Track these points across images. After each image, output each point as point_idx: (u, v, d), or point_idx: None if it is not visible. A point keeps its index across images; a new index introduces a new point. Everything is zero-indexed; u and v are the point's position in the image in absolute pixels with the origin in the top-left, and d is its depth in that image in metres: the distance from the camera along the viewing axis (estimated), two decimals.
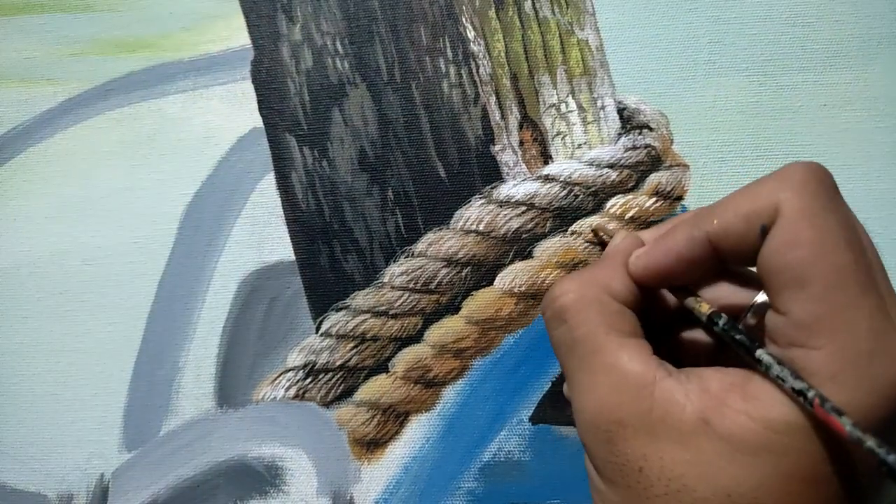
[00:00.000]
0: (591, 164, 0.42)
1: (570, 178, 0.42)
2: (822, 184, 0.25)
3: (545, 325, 0.30)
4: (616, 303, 0.28)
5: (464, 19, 0.43)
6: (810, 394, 0.23)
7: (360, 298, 0.42)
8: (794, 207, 0.24)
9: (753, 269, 0.26)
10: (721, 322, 0.27)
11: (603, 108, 0.43)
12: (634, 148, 0.42)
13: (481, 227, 0.42)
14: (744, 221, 0.25)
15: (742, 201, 0.26)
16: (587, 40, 0.43)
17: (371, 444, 0.41)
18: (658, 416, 0.25)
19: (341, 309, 0.42)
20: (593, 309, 0.27)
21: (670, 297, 0.30)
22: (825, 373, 0.23)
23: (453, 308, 0.41)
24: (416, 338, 0.41)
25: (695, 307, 0.28)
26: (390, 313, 0.41)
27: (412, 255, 0.42)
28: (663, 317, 0.30)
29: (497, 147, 0.43)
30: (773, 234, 0.25)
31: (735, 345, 0.26)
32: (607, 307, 0.27)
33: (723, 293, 0.29)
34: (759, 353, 0.25)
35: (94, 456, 0.42)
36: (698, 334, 0.30)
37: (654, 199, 0.42)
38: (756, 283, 0.28)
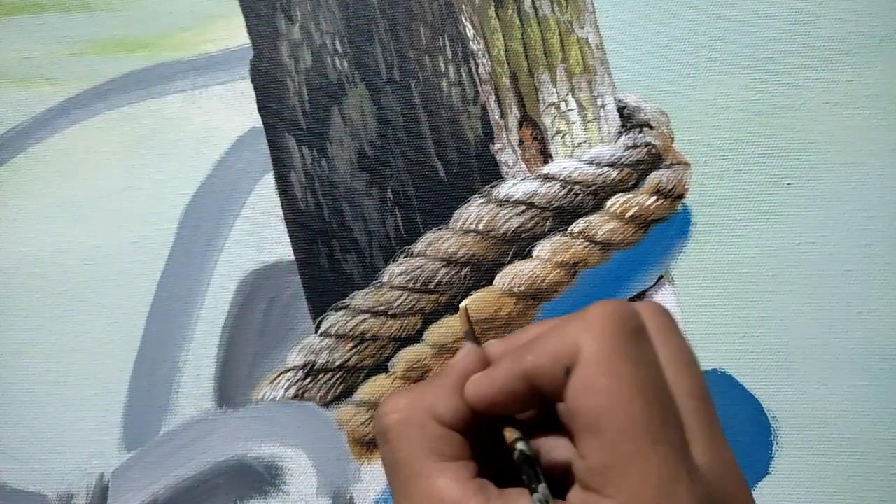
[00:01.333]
0: (591, 162, 0.42)
1: (570, 176, 0.42)
2: (621, 328, 0.25)
3: None
4: (439, 426, 0.27)
5: (463, 18, 0.43)
6: None
7: (360, 298, 0.42)
8: (591, 352, 0.25)
9: None
10: (522, 462, 0.27)
11: (603, 106, 0.43)
12: (635, 146, 0.42)
13: (481, 227, 0.41)
14: (551, 361, 0.25)
15: (550, 341, 0.26)
16: (587, 38, 0.43)
17: (371, 444, 0.41)
18: None
19: (340, 309, 0.42)
20: (415, 432, 0.27)
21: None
22: None
23: (452, 308, 0.41)
24: (415, 337, 0.41)
25: (508, 439, 0.28)
26: (390, 313, 0.41)
27: (411, 254, 0.42)
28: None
29: (496, 146, 0.42)
30: (572, 378, 0.25)
31: (529, 487, 0.26)
32: (429, 431, 0.27)
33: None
34: (537, 492, 0.25)
35: (94, 456, 0.42)
36: (562, 441, 0.30)
37: (654, 197, 0.42)
38: None
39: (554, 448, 0.28)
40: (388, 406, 0.28)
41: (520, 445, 0.27)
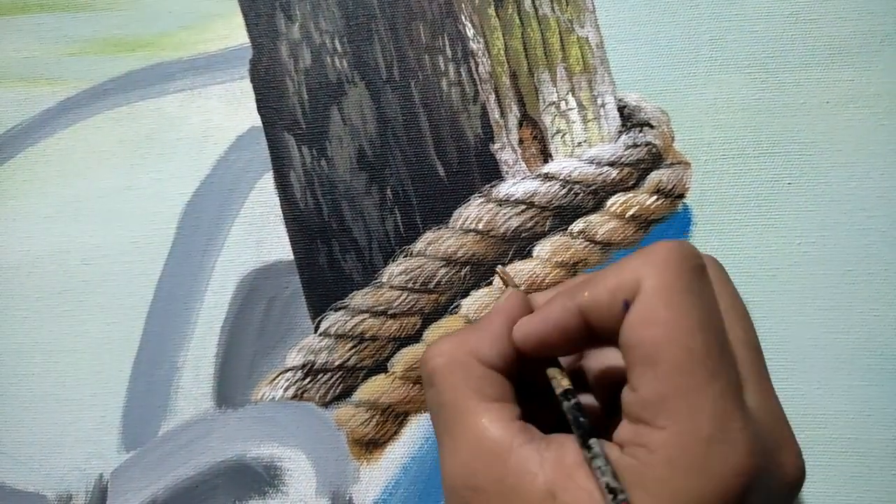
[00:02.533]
0: (591, 162, 0.42)
1: (570, 176, 0.42)
2: (684, 264, 0.25)
3: None
4: (483, 367, 0.28)
5: (463, 17, 0.43)
6: (620, 496, 0.23)
7: (359, 298, 0.42)
8: (654, 286, 0.25)
9: None
10: (569, 402, 0.27)
11: (603, 105, 0.43)
12: (635, 146, 0.42)
13: (480, 226, 0.41)
14: (609, 295, 0.26)
15: (610, 276, 0.26)
16: (587, 37, 0.43)
17: (370, 445, 0.41)
18: (510, 485, 0.25)
19: (340, 308, 0.42)
20: (459, 373, 0.28)
21: (566, 360, 0.30)
22: (663, 455, 0.23)
23: (452, 308, 0.41)
24: (415, 337, 0.41)
25: (554, 378, 0.28)
26: (389, 313, 0.41)
27: (411, 254, 0.42)
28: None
29: (496, 145, 0.42)
30: (632, 310, 0.25)
31: (574, 427, 0.26)
32: (473, 372, 0.28)
33: (609, 359, 0.29)
34: (592, 441, 0.25)
35: (93, 456, 0.42)
36: (589, 399, 0.30)
37: (655, 196, 0.41)
38: None
39: (584, 402, 0.28)
40: (433, 350, 0.29)
41: (564, 383, 0.27)
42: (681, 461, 0.23)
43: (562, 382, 0.28)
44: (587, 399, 0.30)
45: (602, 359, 0.30)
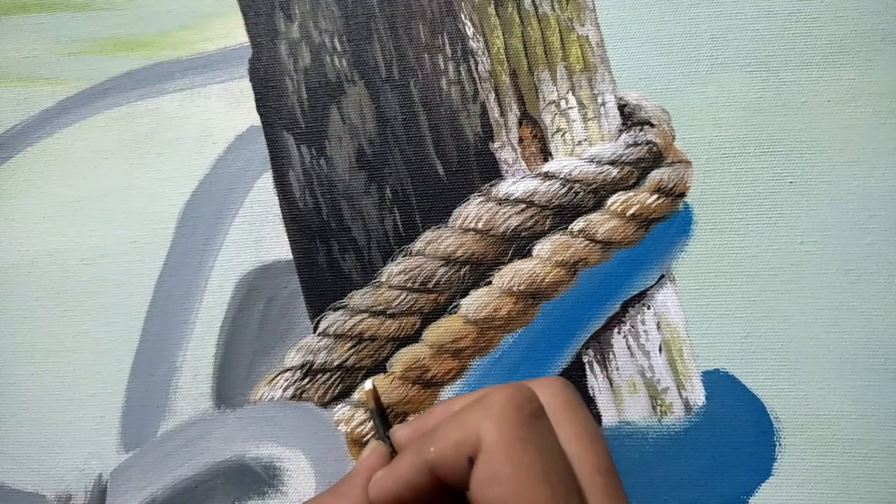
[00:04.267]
0: (591, 160, 0.42)
1: (570, 175, 0.41)
2: (520, 412, 0.25)
3: None
4: None
5: (463, 16, 0.43)
6: None
7: (358, 298, 0.41)
8: (493, 440, 0.25)
9: None
10: None
11: (603, 104, 0.43)
12: (636, 144, 0.42)
13: (480, 226, 0.41)
14: (454, 451, 0.25)
15: (452, 430, 0.26)
16: (587, 36, 0.43)
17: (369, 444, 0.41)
18: None
19: (339, 308, 0.42)
20: None
21: None
22: None
23: (451, 307, 0.41)
24: (414, 337, 0.41)
25: None
26: (388, 313, 0.41)
27: (410, 253, 0.42)
28: None
29: (496, 144, 0.42)
30: (476, 468, 0.25)
31: None
32: None
33: None
34: None
35: (93, 456, 0.42)
36: None
37: (655, 195, 0.41)
38: None
39: None
40: None
41: None
42: None
43: None
44: None
45: None
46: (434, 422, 0.28)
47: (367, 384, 0.31)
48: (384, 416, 0.31)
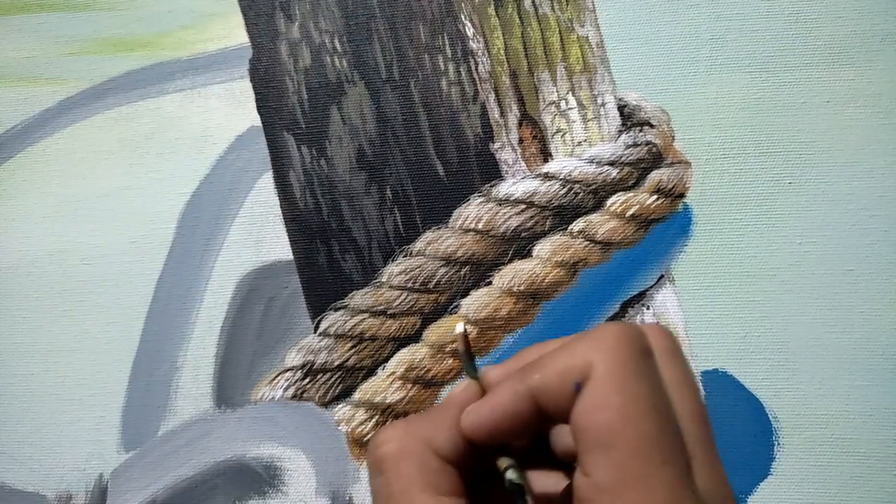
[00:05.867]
0: (591, 161, 0.42)
1: (570, 175, 0.42)
2: (632, 347, 0.25)
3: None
4: (437, 459, 0.27)
5: (463, 17, 0.43)
6: None
7: (359, 298, 0.41)
8: (605, 370, 0.25)
9: None
10: (507, 484, 0.26)
11: (603, 105, 0.43)
12: (635, 145, 0.42)
13: (480, 226, 0.41)
14: (560, 378, 0.25)
15: (560, 358, 0.26)
16: (587, 37, 0.43)
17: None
18: None
19: (339, 308, 0.42)
20: (411, 464, 0.26)
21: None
22: None
23: (452, 308, 0.41)
24: (414, 337, 0.41)
25: (506, 471, 0.27)
26: (388, 313, 0.41)
27: (410, 254, 0.42)
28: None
29: (496, 145, 0.42)
30: (584, 394, 0.25)
31: None
32: (427, 464, 0.27)
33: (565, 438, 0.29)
34: None
35: (93, 456, 0.42)
36: (545, 478, 0.29)
37: (655, 196, 0.41)
38: None
39: (544, 481, 0.28)
40: (384, 436, 0.27)
41: (510, 474, 0.27)
42: None
43: (506, 473, 0.27)
44: (553, 478, 0.29)
45: (568, 437, 0.30)
46: (527, 360, 0.28)
47: (459, 327, 0.31)
48: (472, 360, 0.31)
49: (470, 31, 0.43)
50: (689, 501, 0.24)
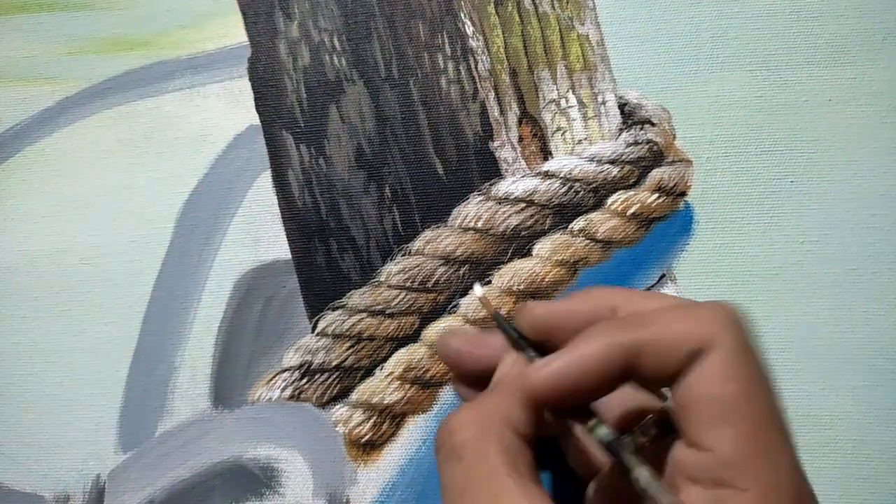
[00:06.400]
0: (591, 159, 0.42)
1: (570, 174, 0.41)
2: (749, 327, 0.25)
3: (437, 464, 0.26)
4: (518, 439, 0.25)
5: (462, 15, 0.43)
6: None
7: (357, 297, 0.41)
8: (733, 342, 0.24)
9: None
10: (643, 472, 0.25)
11: (604, 103, 0.42)
12: (636, 143, 0.42)
13: (480, 225, 0.41)
14: (675, 339, 0.24)
15: (675, 321, 0.25)
16: (587, 35, 0.43)
17: (367, 446, 0.40)
18: None
19: (337, 308, 0.41)
20: (494, 445, 0.25)
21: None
22: None
23: (451, 307, 0.41)
24: (412, 337, 0.41)
25: (596, 430, 0.26)
26: (387, 312, 0.41)
27: (409, 253, 0.41)
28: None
29: (496, 143, 0.42)
30: (707, 363, 0.24)
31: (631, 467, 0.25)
32: (510, 444, 0.25)
33: (620, 399, 0.28)
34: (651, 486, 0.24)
35: (91, 457, 0.42)
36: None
37: (656, 194, 0.41)
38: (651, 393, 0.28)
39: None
40: (458, 420, 0.26)
41: (624, 439, 0.25)
42: None
43: (601, 433, 0.25)
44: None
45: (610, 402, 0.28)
46: (582, 301, 0.27)
47: (477, 289, 0.30)
48: (509, 325, 0.29)
49: (469, 30, 0.43)
50: (804, 474, 0.24)
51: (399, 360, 0.41)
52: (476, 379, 0.29)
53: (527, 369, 0.26)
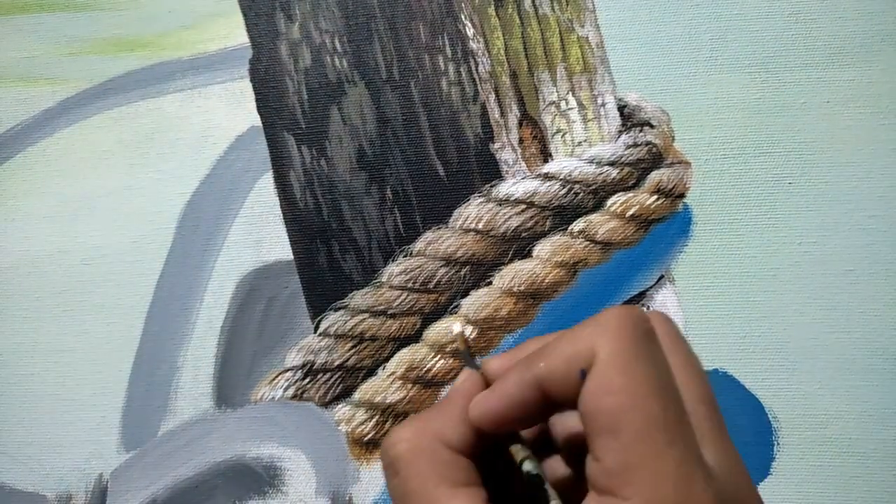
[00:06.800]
0: (591, 161, 0.42)
1: (570, 175, 0.42)
2: (636, 330, 0.26)
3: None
4: (449, 451, 0.27)
5: (463, 17, 0.43)
6: None
7: (359, 298, 0.41)
8: (609, 353, 0.25)
9: None
10: (525, 474, 0.27)
11: (603, 105, 0.43)
12: (635, 145, 0.42)
13: (480, 226, 0.41)
14: (566, 365, 0.25)
15: (564, 345, 0.26)
16: (587, 37, 0.43)
17: (370, 445, 0.41)
18: None
19: (339, 308, 0.42)
20: (425, 460, 0.27)
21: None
22: None
23: (452, 308, 0.41)
24: (414, 337, 0.41)
25: (518, 457, 0.27)
26: (389, 313, 0.41)
27: (411, 254, 0.42)
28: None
29: (496, 145, 0.42)
30: (589, 379, 0.25)
31: (538, 496, 0.26)
32: (439, 457, 0.27)
33: (575, 421, 0.28)
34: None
35: (93, 456, 0.42)
36: (557, 463, 0.30)
37: (655, 196, 0.41)
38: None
39: (553, 468, 0.28)
40: (395, 437, 0.28)
41: (527, 465, 0.27)
42: None
43: (522, 463, 0.27)
44: (555, 463, 0.29)
45: (568, 422, 0.30)
46: (528, 351, 0.28)
47: (456, 327, 0.31)
48: (471, 357, 0.31)
49: (470, 32, 0.43)
50: (699, 478, 0.24)
51: (401, 359, 0.41)
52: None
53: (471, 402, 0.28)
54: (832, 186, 0.41)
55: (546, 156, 0.42)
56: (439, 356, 0.41)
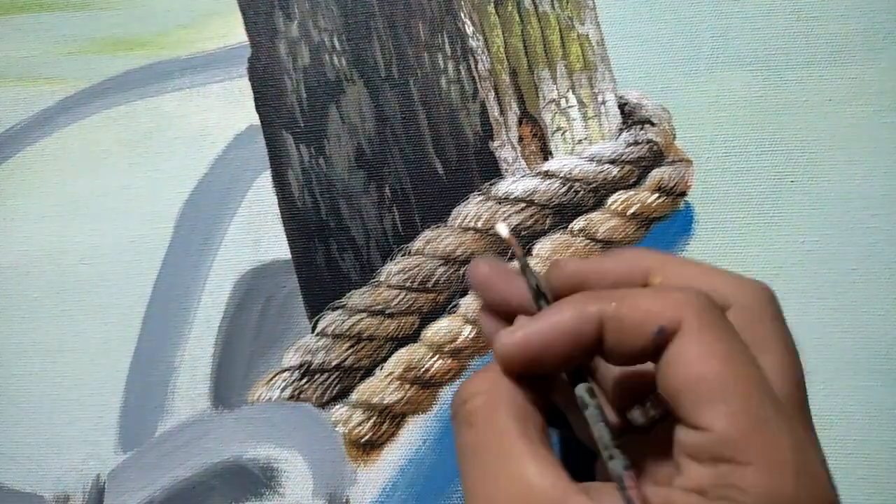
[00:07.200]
0: (591, 159, 0.42)
1: (570, 174, 0.41)
2: (718, 309, 0.25)
3: (453, 430, 0.27)
4: (528, 404, 0.26)
5: (462, 14, 0.43)
6: None
7: (357, 297, 0.41)
8: (703, 321, 0.24)
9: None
10: (588, 411, 0.25)
11: (604, 103, 0.42)
12: (636, 143, 0.42)
13: (479, 225, 0.41)
14: (643, 314, 0.24)
15: (646, 297, 0.25)
16: (587, 35, 0.43)
17: (367, 446, 0.40)
18: None
19: (337, 308, 0.41)
20: (504, 411, 0.25)
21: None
22: (759, 490, 0.23)
23: (451, 307, 0.41)
24: (412, 337, 0.41)
25: (581, 396, 0.26)
26: (387, 312, 0.41)
27: (409, 253, 0.41)
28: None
29: (496, 143, 0.42)
30: (682, 345, 0.24)
31: (619, 486, 0.25)
32: (520, 409, 0.25)
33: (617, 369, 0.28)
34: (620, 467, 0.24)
35: (91, 457, 0.42)
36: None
37: (656, 194, 0.41)
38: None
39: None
40: (472, 387, 0.26)
41: (599, 429, 0.25)
42: (775, 494, 0.23)
43: (596, 412, 0.25)
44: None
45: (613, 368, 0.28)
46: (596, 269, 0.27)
47: (502, 229, 0.29)
48: (525, 263, 0.28)
49: (469, 30, 0.42)
50: (809, 444, 0.24)
51: (399, 359, 0.41)
52: (501, 313, 0.28)
53: (497, 335, 0.26)
54: (834, 185, 0.41)
55: (546, 154, 0.42)
56: (438, 356, 0.41)
